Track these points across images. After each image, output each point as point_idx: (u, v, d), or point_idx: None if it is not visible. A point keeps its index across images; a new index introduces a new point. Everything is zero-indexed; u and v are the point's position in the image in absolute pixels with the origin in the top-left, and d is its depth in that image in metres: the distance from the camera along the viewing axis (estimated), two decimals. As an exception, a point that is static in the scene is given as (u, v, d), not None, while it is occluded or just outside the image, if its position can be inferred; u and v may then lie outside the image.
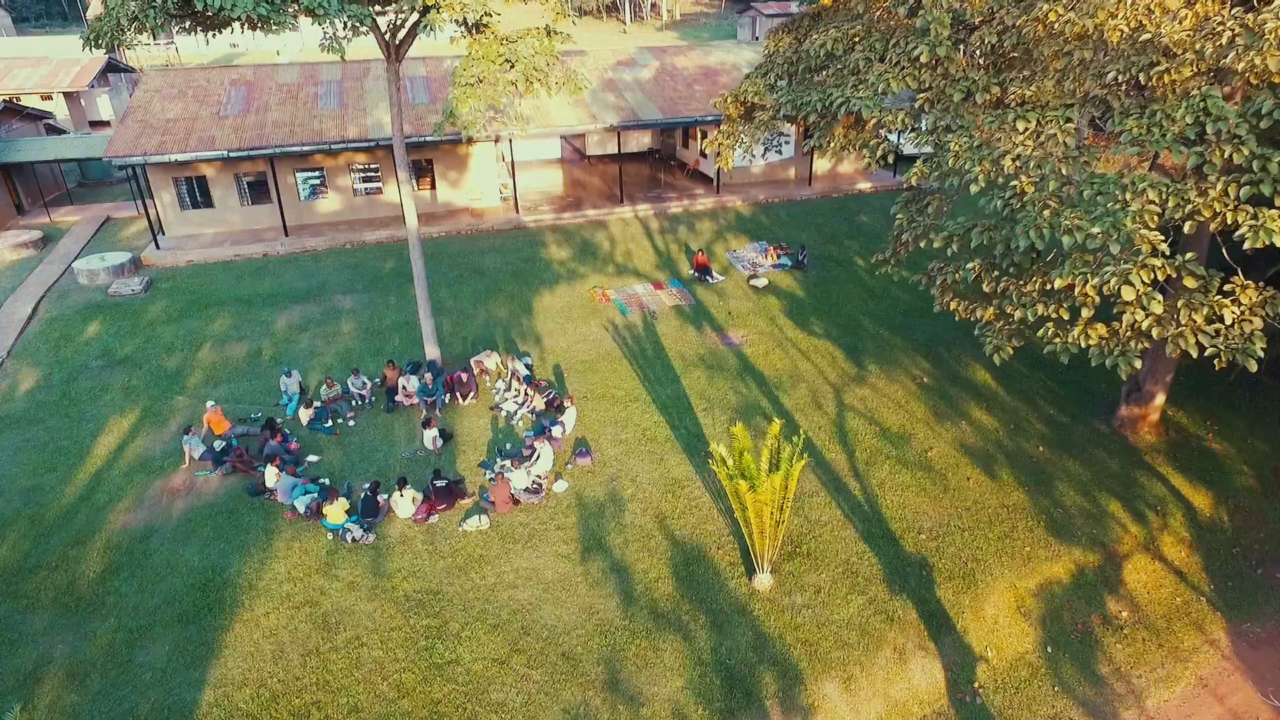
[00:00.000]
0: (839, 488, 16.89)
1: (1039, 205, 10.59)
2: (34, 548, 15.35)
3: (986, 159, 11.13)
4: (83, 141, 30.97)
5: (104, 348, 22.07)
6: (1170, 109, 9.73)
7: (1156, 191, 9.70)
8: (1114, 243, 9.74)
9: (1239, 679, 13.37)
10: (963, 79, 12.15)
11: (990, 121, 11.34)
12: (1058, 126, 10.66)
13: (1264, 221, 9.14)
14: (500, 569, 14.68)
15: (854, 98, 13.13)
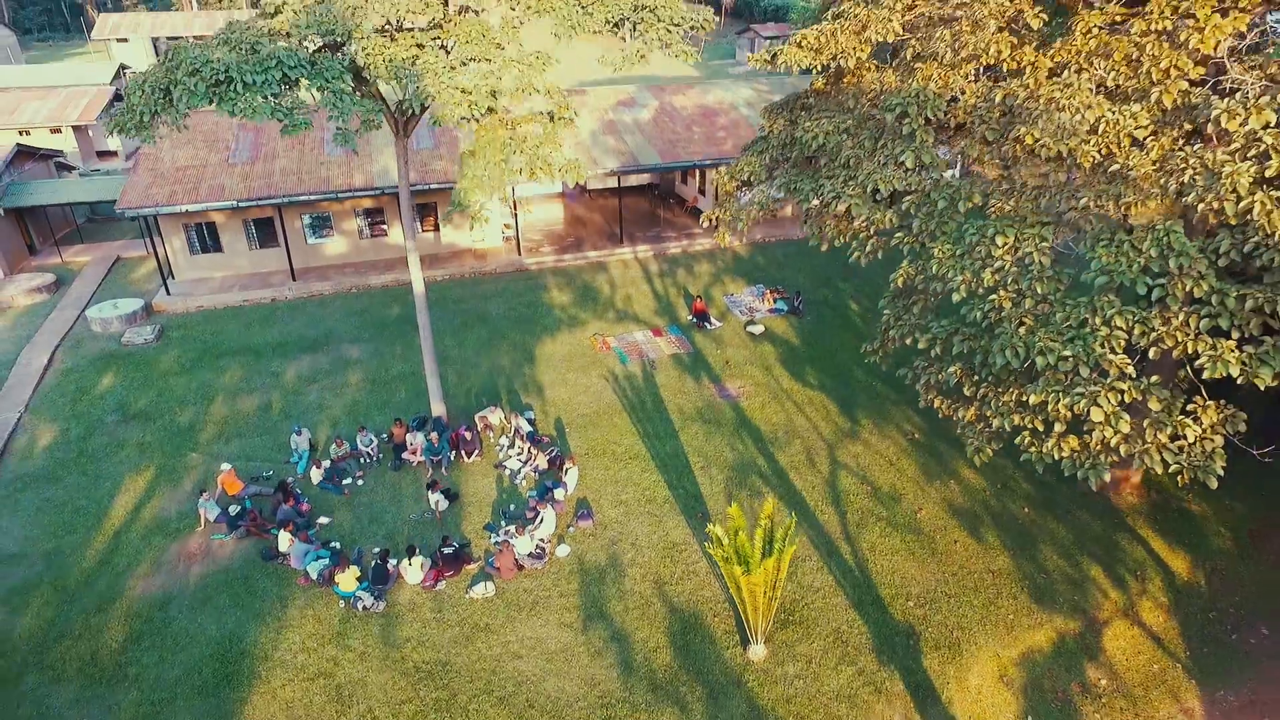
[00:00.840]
0: (831, 552, 17.54)
1: (1015, 322, 11.26)
2: (57, 615, 16.00)
3: (968, 269, 11.79)
4: (94, 184, 31.58)
5: (119, 401, 22.71)
6: (1137, 240, 10.39)
7: (1124, 318, 10.36)
8: (1084, 365, 10.41)
9: (1211, 742, 14.05)
10: (947, 186, 12.81)
11: (972, 233, 12.00)
12: (1034, 245, 11.32)
13: (1221, 353, 9.81)
14: (506, 638, 15.32)
15: (845, 194, 13.80)
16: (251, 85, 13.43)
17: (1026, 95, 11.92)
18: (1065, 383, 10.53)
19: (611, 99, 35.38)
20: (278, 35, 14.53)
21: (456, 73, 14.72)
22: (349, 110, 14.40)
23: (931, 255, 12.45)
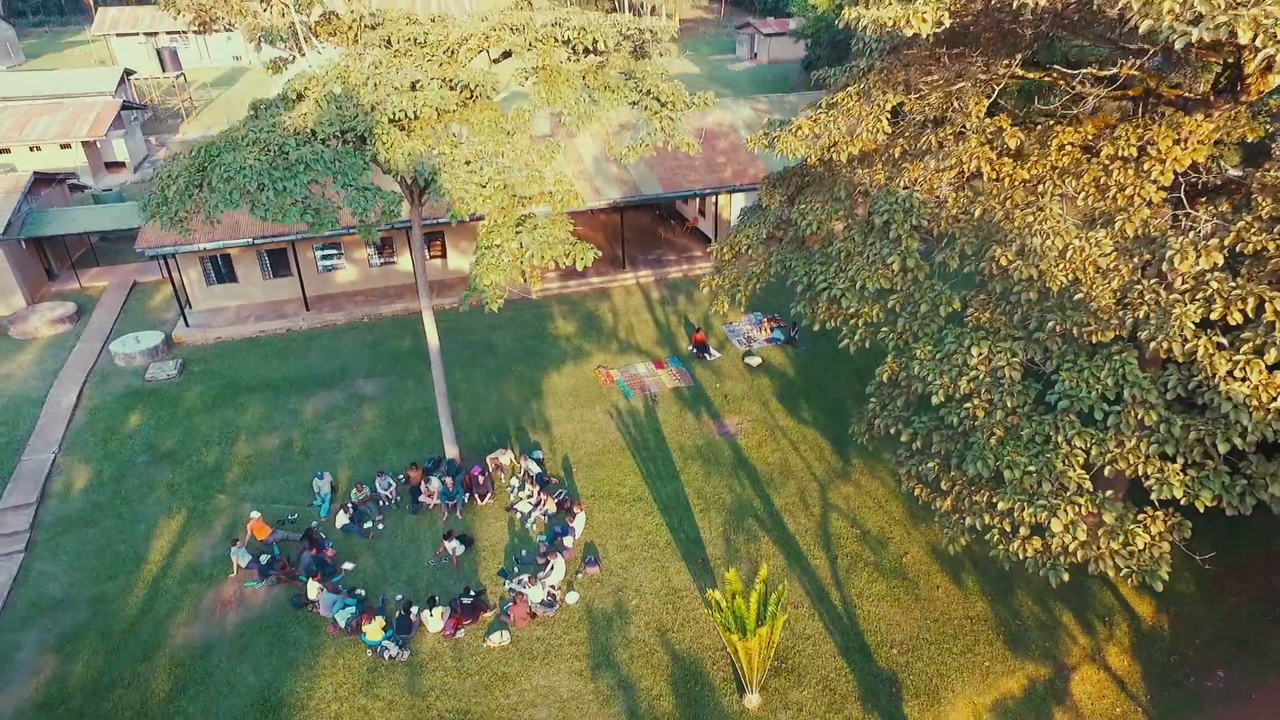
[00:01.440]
0: (821, 597, 18.85)
1: (987, 432, 12.40)
2: (106, 663, 17.32)
3: (946, 374, 12.91)
4: (110, 213, 32.38)
5: (148, 441, 23.87)
6: (1095, 369, 11.50)
7: (1083, 439, 11.50)
8: (1046, 481, 11.59)
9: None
10: (930, 289, 13.86)
11: (950, 340, 13.09)
12: (1005, 359, 12.42)
13: (1167, 476, 10.97)
14: (521, 687, 16.68)
15: (835, 285, 14.86)
16: (282, 192, 14.38)
17: (1003, 215, 12.93)
18: (1030, 493, 11.70)
19: (613, 122, 36.05)
20: (302, 134, 15.44)
21: (471, 166, 15.66)
22: (371, 204, 15.37)
23: (914, 354, 13.55)
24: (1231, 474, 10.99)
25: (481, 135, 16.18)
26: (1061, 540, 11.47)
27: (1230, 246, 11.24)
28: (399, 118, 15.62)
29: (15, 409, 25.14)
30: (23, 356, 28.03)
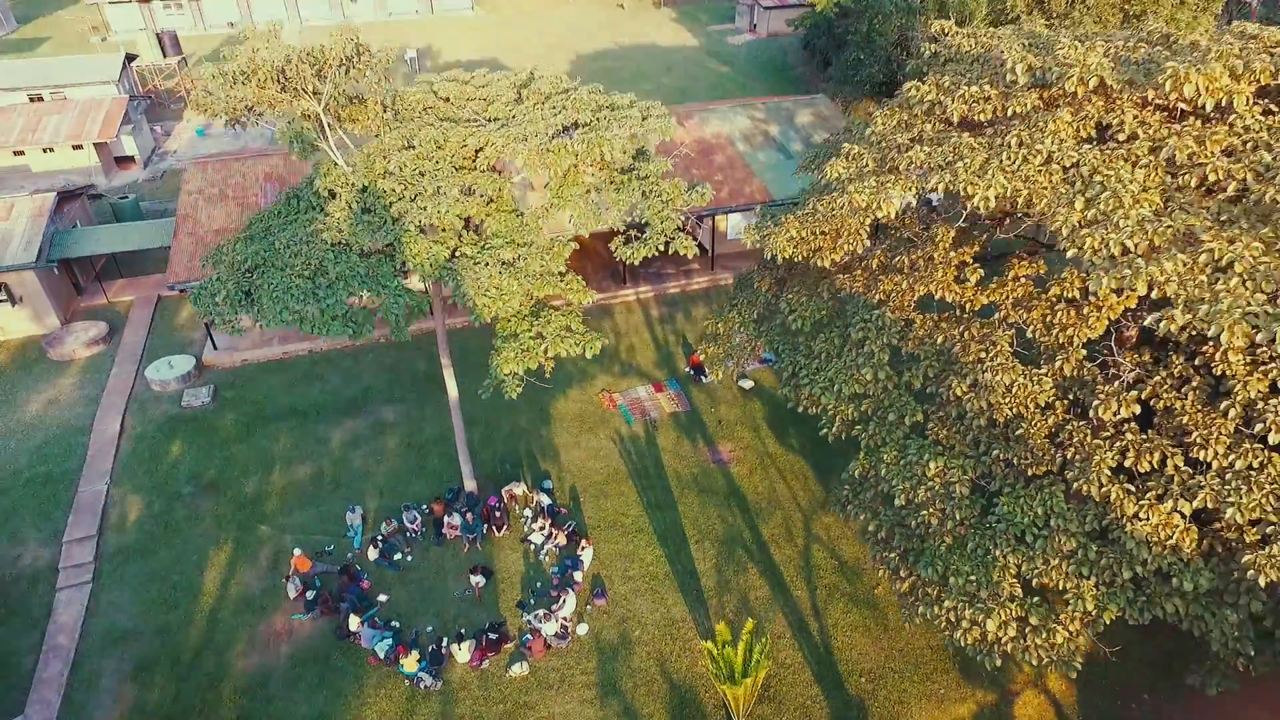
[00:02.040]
0: (801, 627, 21.43)
1: (939, 539, 14.62)
2: (178, 691, 19.92)
3: (908, 480, 15.05)
4: (134, 232, 33.73)
5: (191, 471, 26.07)
6: (1029, 497, 13.63)
7: (1016, 556, 13.73)
8: (984, 588, 13.87)
9: (1085, 804, 18.33)
10: (897, 399, 15.87)
11: (913, 451, 15.19)
12: (957, 476, 14.55)
13: (1083, 591, 13.25)
14: (540, 714, 19.34)
15: (816, 382, 16.87)
16: (326, 309, 16.18)
17: (960, 347, 14.84)
18: (971, 596, 14.00)
19: (614, 133, 37.06)
20: (339, 246, 17.12)
21: (490, 269, 17.41)
22: (401, 306, 17.19)
23: (882, 457, 15.67)
24: (1135, 591, 13.27)
25: (498, 240, 17.85)
26: (995, 635, 13.83)
27: (1146, 400, 13.23)
28: (424, 226, 17.26)
29: (65, 439, 27.23)
30: (64, 380, 29.97)
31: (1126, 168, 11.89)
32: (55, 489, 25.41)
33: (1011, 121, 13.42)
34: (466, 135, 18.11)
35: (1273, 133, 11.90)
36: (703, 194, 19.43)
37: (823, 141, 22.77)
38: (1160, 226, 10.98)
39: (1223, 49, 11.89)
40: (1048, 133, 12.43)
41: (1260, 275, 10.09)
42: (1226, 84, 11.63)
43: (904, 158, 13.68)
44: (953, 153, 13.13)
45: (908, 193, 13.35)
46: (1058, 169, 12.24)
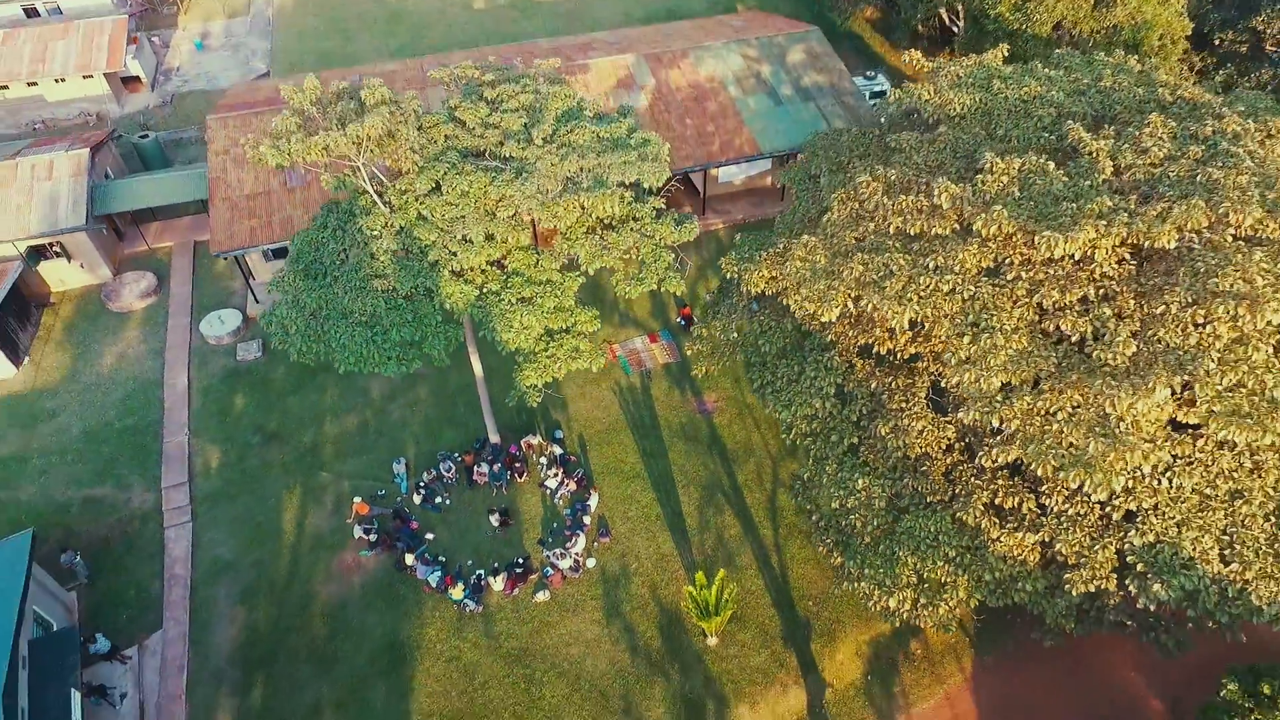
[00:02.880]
0: (765, 561, 26.98)
1: (861, 539, 19.44)
2: (278, 613, 25.66)
3: (842, 489, 19.70)
4: (174, 184, 36.06)
5: (254, 423, 30.66)
6: (926, 518, 18.28)
7: (914, 559, 18.60)
8: (888, 578, 18.87)
9: (969, 695, 24.61)
10: (840, 423, 20.18)
11: (845, 470, 19.73)
12: (878, 493, 19.14)
13: (959, 584, 18.28)
14: (560, 632, 25.19)
15: (778, 400, 21.16)
16: (383, 351, 20.06)
17: (887, 395, 18.89)
18: (879, 582, 19.04)
19: (612, 78, 38.45)
20: (389, 293, 20.67)
21: (516, 309, 21.10)
22: (443, 341, 21.06)
23: (825, 469, 20.25)
24: (994, 586, 18.28)
25: (518, 279, 21.35)
26: (896, 608, 19.02)
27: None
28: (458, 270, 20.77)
29: (143, 392, 31.58)
30: (127, 333, 33.85)
31: (1008, 305, 15.41)
32: (144, 439, 30.12)
33: (934, 239, 16.69)
34: (487, 184, 21.06)
35: (1122, 281, 15.32)
36: (691, 229, 22.59)
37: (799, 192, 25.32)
38: (1019, 369, 14.78)
39: (1095, 205, 15.04)
40: (957, 261, 15.80)
41: (1077, 419, 14.12)
42: (1093, 236, 14.89)
43: (847, 266, 17.04)
44: (884, 268, 16.51)
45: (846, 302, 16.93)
46: (959, 298, 15.73)
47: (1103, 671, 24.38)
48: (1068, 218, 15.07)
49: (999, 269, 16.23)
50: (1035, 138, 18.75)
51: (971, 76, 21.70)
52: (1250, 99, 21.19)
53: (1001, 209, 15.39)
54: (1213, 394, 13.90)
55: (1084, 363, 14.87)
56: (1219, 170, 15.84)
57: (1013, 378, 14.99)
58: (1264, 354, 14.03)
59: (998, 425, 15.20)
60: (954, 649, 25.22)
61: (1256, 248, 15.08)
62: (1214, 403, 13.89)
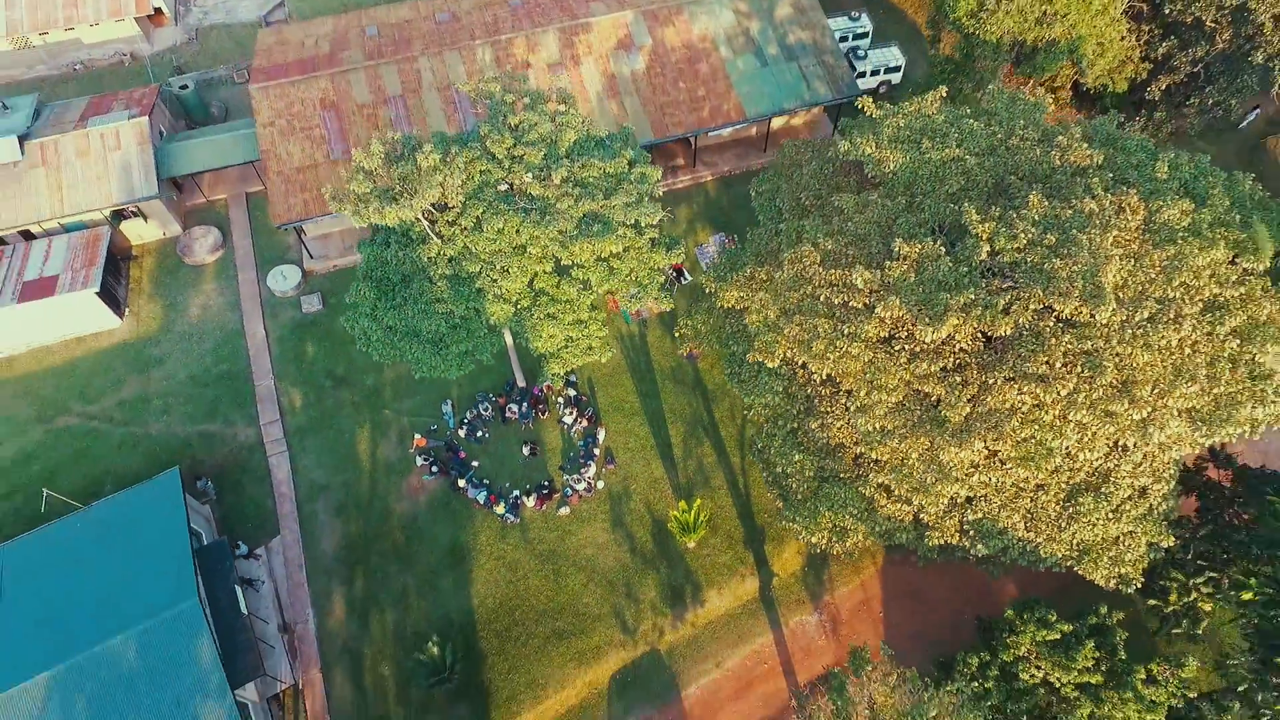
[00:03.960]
0: (733, 483, 35.20)
1: (796, 496, 27.33)
2: (364, 524, 34.17)
3: (784, 459, 27.37)
4: (232, 145, 40.50)
5: (326, 368, 37.72)
6: (839, 489, 25.96)
7: (830, 515, 26.51)
8: (812, 523, 26.98)
9: (877, 582, 33.74)
10: (785, 410, 27.39)
11: (789, 448, 27.27)
12: (809, 468, 26.76)
13: (858, 531, 26.40)
14: (579, 538, 33.84)
15: (744, 389, 28.33)
16: (445, 362, 26.86)
17: (819, 400, 25.89)
18: (806, 526, 27.05)
19: (612, 37, 41.69)
20: (447, 313, 27.12)
21: (544, 323, 27.63)
22: (488, 348, 27.82)
23: (774, 444, 27.74)
24: (883, 533, 26.27)
25: (544, 299, 27.66)
26: (817, 542, 27.21)
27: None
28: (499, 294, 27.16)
29: (229, 341, 38.34)
30: (205, 285, 40.01)
31: (893, 369, 21.98)
32: (238, 383, 37.33)
33: (850, 310, 22.93)
34: (519, 224, 26.79)
35: (972, 355, 21.81)
36: (679, 254, 28.51)
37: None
38: (893, 419, 21.69)
39: (962, 297, 21.24)
40: (863, 331, 22.16)
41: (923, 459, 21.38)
42: (955, 324, 21.20)
43: (788, 326, 23.37)
44: (813, 330, 22.87)
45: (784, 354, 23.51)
46: (861, 360, 22.25)
47: (959, 574, 33.22)
48: (942, 306, 21.36)
49: (891, 339, 22.64)
50: (943, 208, 24.43)
51: (909, 127, 26.80)
52: (1135, 144, 26.45)
53: (895, 299, 21.56)
54: (1011, 446, 21.01)
55: (935, 418, 21.78)
56: (1060, 261, 21.86)
57: (888, 424, 21.99)
58: (1051, 416, 20.95)
59: (874, 458, 22.43)
60: (870, 551, 34.03)
61: (1069, 329, 21.61)
62: (1012, 450, 21.06)
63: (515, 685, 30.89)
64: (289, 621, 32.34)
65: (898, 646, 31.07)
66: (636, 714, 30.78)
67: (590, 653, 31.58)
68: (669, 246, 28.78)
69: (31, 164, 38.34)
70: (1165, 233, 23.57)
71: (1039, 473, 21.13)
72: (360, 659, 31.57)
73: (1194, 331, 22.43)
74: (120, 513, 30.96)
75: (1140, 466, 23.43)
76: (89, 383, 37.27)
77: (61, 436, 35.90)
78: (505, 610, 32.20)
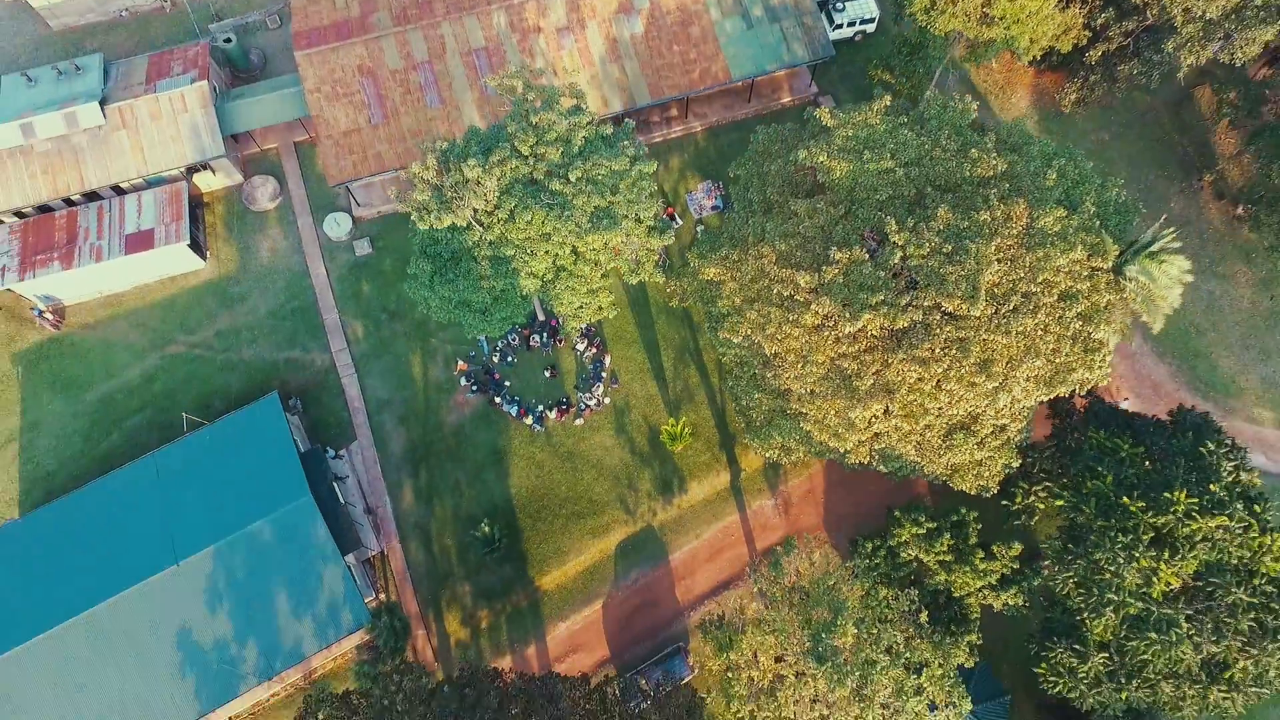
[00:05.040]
0: (712, 398, 44.49)
1: (756, 423, 36.56)
2: (423, 431, 43.72)
3: (747, 397, 36.49)
4: (281, 105, 46.03)
5: (380, 304, 45.81)
6: (789, 421, 35.03)
7: (779, 437, 35.75)
8: (769, 442, 36.43)
9: (820, 477, 43.88)
10: (750, 361, 36.11)
11: (754, 392, 36.24)
12: (766, 405, 35.84)
13: (799, 449, 35.91)
14: (591, 443, 43.56)
15: (718, 341, 37.01)
16: (490, 325, 35.23)
17: (773, 357, 34.48)
18: (762, 444, 36.43)
19: (614, 3, 46.24)
20: (493, 293, 35.13)
21: (564, 293, 35.72)
22: (521, 314, 36.12)
23: (740, 383, 36.71)
24: (817, 449, 35.68)
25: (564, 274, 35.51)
26: (769, 453, 36.75)
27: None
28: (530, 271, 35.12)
29: (297, 280, 46.10)
30: (270, 230, 47.16)
31: (822, 348, 30.27)
32: (310, 317, 45.56)
33: (794, 302, 30.86)
34: (544, 217, 34.12)
35: (879, 340, 30.13)
36: (669, 236, 35.96)
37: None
38: (820, 386, 30.33)
39: (876, 298, 29.26)
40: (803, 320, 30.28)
41: (838, 415, 30.36)
42: (868, 319, 29.30)
43: (749, 311, 31.37)
44: (767, 317, 30.93)
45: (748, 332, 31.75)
46: (801, 339, 30.56)
47: (875, 478, 43.11)
48: (860, 305, 29.40)
49: (821, 326, 30.78)
50: (873, 216, 31.77)
51: (855, 138, 33.55)
52: (1036, 150, 33.39)
53: (827, 299, 29.51)
54: (899, 407, 29.80)
55: (848, 386, 30.36)
56: (951, 267, 29.68)
57: (815, 389, 30.64)
58: (929, 387, 29.60)
59: (804, 412, 31.27)
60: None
61: (950, 321, 29.87)
62: (900, 410, 29.94)
63: (545, 553, 41.66)
64: (371, 506, 42.61)
65: (832, 525, 41.61)
66: (635, 572, 41.77)
67: (600, 528, 42.15)
68: (661, 230, 36.26)
69: (114, 127, 44.38)
70: (1040, 237, 31.24)
71: (918, 425, 30.23)
72: (428, 533, 42.15)
73: (1048, 317, 30.76)
74: (238, 428, 40.27)
75: (1002, 411, 32.49)
76: (187, 316, 45.47)
77: (174, 361, 44.60)
78: (535, 498, 42.45)
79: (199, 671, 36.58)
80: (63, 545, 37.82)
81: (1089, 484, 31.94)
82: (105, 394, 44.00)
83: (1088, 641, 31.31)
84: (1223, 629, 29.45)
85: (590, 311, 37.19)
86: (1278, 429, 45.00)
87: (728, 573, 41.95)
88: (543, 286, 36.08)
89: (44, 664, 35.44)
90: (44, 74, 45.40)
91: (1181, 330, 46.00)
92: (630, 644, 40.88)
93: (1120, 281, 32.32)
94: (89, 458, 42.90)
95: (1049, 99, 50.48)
